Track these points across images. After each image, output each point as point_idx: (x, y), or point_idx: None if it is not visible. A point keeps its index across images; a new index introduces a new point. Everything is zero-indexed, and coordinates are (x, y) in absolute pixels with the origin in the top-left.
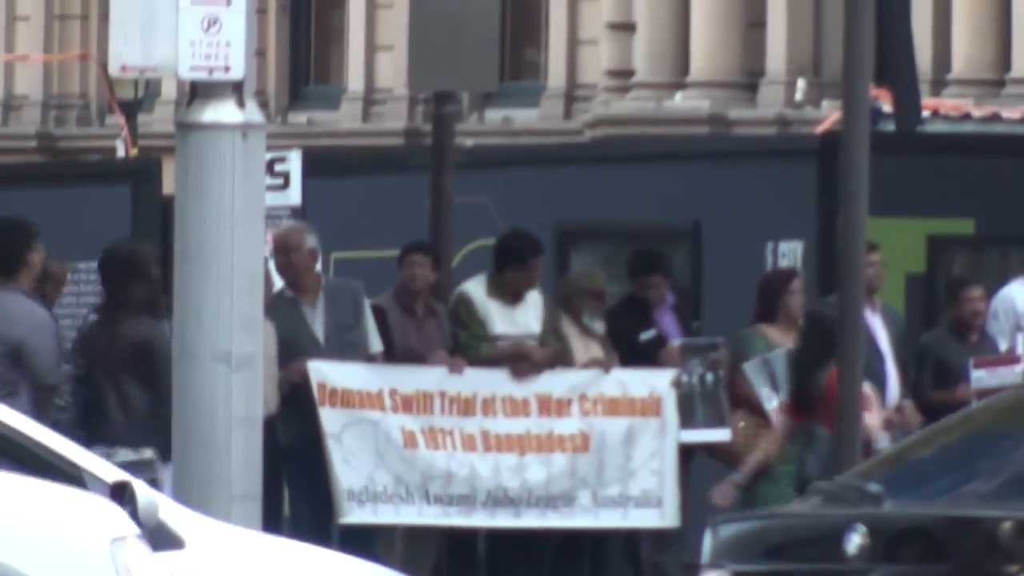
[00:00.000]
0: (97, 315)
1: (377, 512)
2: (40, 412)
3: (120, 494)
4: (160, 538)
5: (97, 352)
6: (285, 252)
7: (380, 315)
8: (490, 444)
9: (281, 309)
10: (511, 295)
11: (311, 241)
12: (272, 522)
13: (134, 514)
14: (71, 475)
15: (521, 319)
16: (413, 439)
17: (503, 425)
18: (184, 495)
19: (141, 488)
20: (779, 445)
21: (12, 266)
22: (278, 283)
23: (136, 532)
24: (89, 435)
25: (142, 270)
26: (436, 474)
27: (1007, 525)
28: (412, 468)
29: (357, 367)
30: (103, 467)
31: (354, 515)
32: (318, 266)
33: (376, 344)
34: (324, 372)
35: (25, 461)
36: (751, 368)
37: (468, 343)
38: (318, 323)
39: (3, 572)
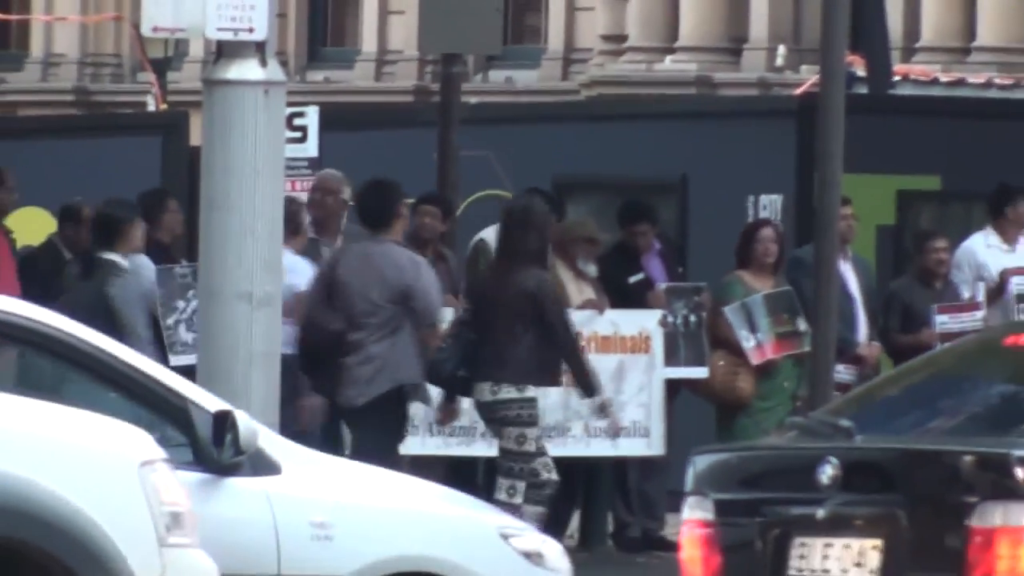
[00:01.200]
0: (492, 263)
1: None
2: (422, 350)
3: (223, 422)
4: (259, 463)
5: (485, 297)
6: (323, 191)
7: None
8: None
9: (305, 250)
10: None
11: (346, 192)
12: None
13: (235, 442)
14: (177, 404)
15: None
16: None
17: None
18: None
19: (242, 417)
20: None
21: (388, 219)
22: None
23: (164, 457)
24: (472, 374)
25: (537, 224)
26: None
27: (967, 458)
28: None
29: None
30: (205, 397)
31: None
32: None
33: None
34: None
35: (134, 391)
36: (731, 311)
37: None
38: None
39: (38, 492)
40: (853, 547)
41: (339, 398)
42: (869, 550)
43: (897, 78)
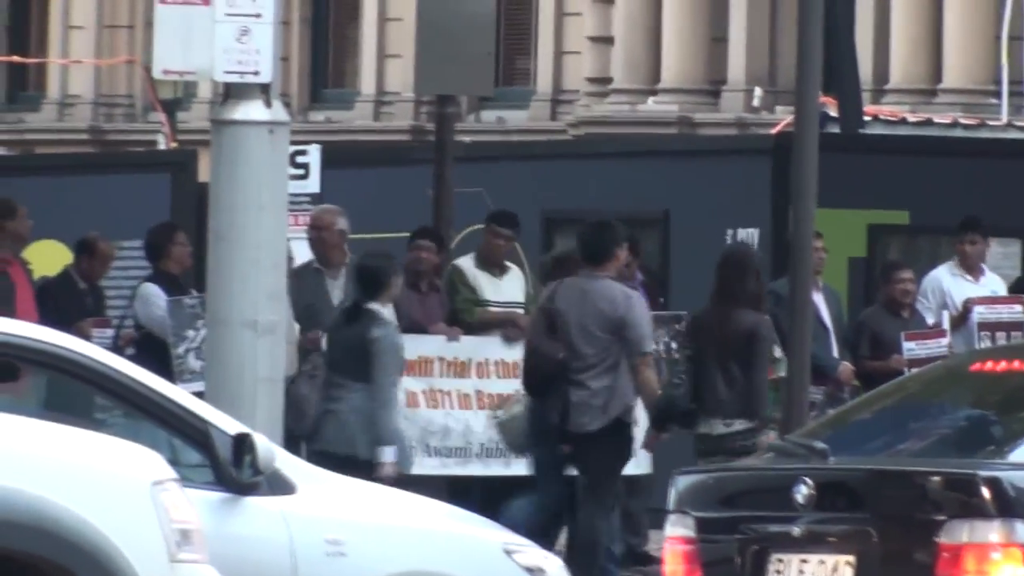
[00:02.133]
0: (710, 304)
1: None
2: (638, 377)
3: (241, 444)
4: (275, 483)
5: (707, 336)
6: (318, 229)
7: None
8: (483, 402)
9: (307, 278)
10: (495, 267)
11: (341, 223)
12: None
13: (253, 463)
14: (198, 427)
15: (507, 290)
16: (415, 399)
17: (495, 385)
18: None
19: (260, 439)
20: None
21: (606, 257)
22: (297, 262)
23: (175, 477)
24: (700, 408)
25: (754, 269)
26: (434, 429)
27: (936, 478)
28: (413, 425)
29: None
30: (225, 420)
31: None
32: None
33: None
34: None
35: (157, 414)
36: None
37: (462, 307)
38: (336, 294)
39: (52, 510)
40: (827, 562)
41: (570, 424)
42: (843, 565)
43: (868, 118)
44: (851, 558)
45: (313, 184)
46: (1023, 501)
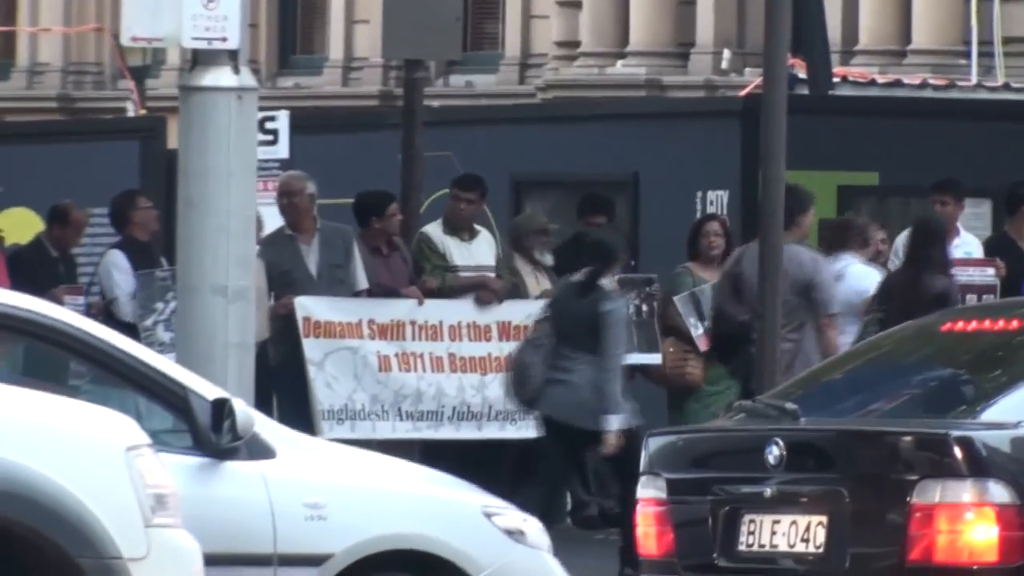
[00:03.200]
0: (901, 269)
1: (355, 428)
2: (824, 338)
3: (220, 409)
4: (254, 448)
5: (899, 299)
6: (288, 195)
7: None
8: (456, 365)
9: (280, 245)
10: (463, 232)
11: (311, 187)
12: None
13: (232, 427)
14: (176, 392)
15: (477, 253)
16: (387, 363)
17: (468, 348)
18: None
19: (239, 404)
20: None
21: (790, 222)
22: (267, 228)
23: (149, 442)
24: None
25: (942, 237)
26: (407, 393)
27: (908, 438)
28: (386, 388)
29: (339, 301)
30: (204, 385)
31: (334, 431)
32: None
33: (362, 282)
34: (309, 307)
35: (136, 380)
36: (680, 301)
37: (433, 274)
38: (312, 260)
39: (28, 475)
40: (799, 523)
41: (756, 383)
42: (815, 526)
43: (836, 80)
44: (823, 519)
45: (282, 150)
46: (995, 461)
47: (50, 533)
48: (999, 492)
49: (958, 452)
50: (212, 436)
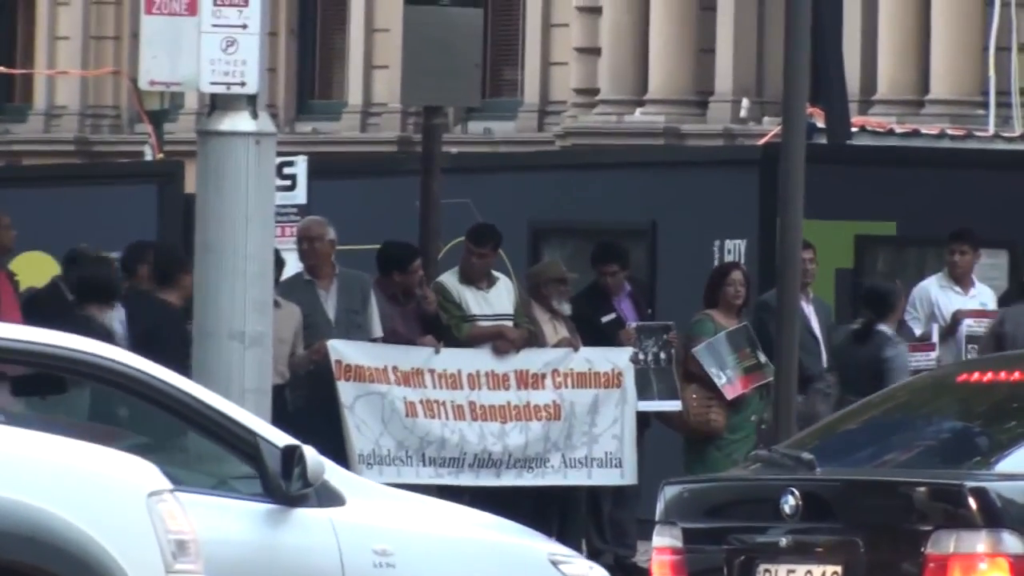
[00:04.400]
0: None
1: (382, 473)
2: None
3: (291, 456)
4: (324, 495)
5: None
6: (309, 240)
7: None
8: (476, 414)
9: (299, 290)
10: (479, 281)
11: (331, 233)
12: None
13: (303, 474)
14: (246, 439)
15: (495, 302)
16: (414, 409)
17: (487, 397)
18: None
19: (309, 452)
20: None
21: None
22: (288, 270)
23: (171, 488)
24: None
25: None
26: (432, 439)
27: (923, 489)
28: (412, 434)
29: (366, 346)
30: (273, 432)
31: (363, 475)
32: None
33: (377, 330)
34: (340, 350)
35: (205, 426)
36: (700, 352)
37: (450, 323)
38: (330, 305)
39: (50, 520)
40: (815, 573)
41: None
42: (830, 575)
43: (855, 129)
44: (838, 568)
45: (300, 195)
46: (1010, 511)
47: None
48: (1013, 543)
49: (972, 503)
50: (282, 483)
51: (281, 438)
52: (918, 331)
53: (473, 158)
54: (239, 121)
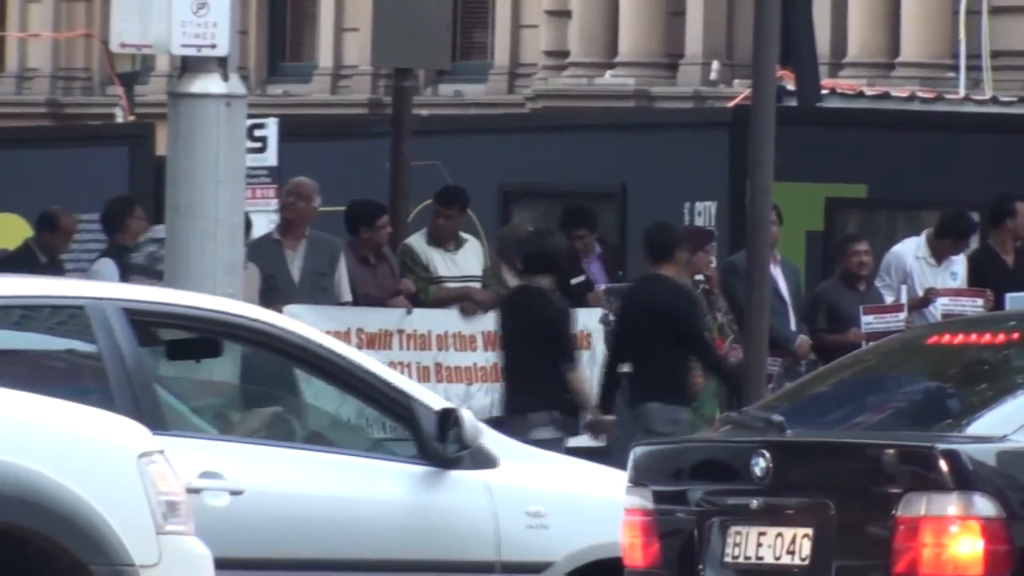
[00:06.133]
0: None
1: None
2: None
3: (446, 419)
4: (478, 457)
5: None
6: (297, 196)
7: None
8: (442, 375)
9: (265, 249)
10: (448, 242)
11: (317, 200)
12: None
13: (459, 437)
14: (401, 402)
15: (463, 263)
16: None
17: (454, 359)
18: None
19: (467, 415)
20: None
21: None
22: (256, 234)
23: (161, 449)
24: None
25: None
26: None
27: (893, 451)
28: None
29: (328, 309)
30: (429, 396)
31: None
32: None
33: (346, 294)
34: (298, 314)
35: (363, 390)
36: None
37: (417, 285)
38: (295, 266)
39: (40, 481)
40: (785, 535)
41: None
42: (801, 538)
43: (825, 91)
44: (809, 531)
45: (271, 158)
46: (981, 474)
47: (62, 539)
48: (984, 506)
49: (944, 465)
50: (437, 445)
51: (436, 402)
52: (889, 299)
53: (443, 120)
54: (210, 83)
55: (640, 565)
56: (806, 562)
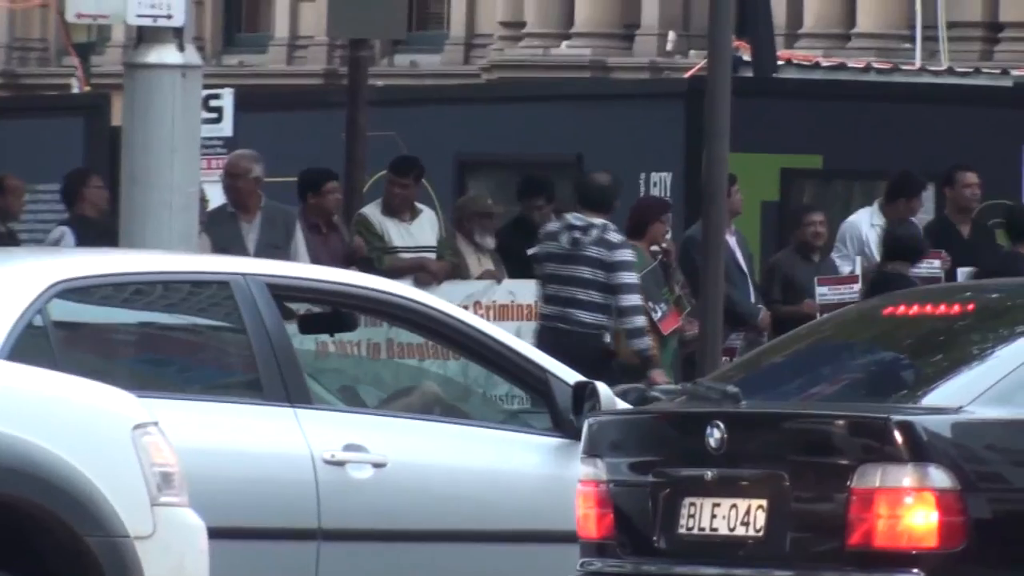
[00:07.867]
0: None
1: None
2: None
3: (582, 391)
4: None
5: None
6: (232, 176)
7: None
8: (394, 351)
9: (220, 222)
10: (403, 212)
11: (257, 170)
12: None
13: (595, 409)
14: (536, 375)
15: (417, 234)
16: (324, 348)
17: (406, 334)
18: None
19: (602, 388)
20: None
21: None
22: (211, 203)
23: (155, 421)
24: None
25: None
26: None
27: (848, 422)
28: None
29: None
30: (563, 370)
31: None
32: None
33: None
34: None
35: (496, 363)
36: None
37: (371, 255)
38: (251, 239)
39: (35, 453)
40: (740, 507)
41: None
42: (755, 510)
43: (781, 62)
44: (763, 502)
45: (227, 128)
46: (936, 445)
47: (57, 511)
48: (939, 477)
49: (898, 437)
50: (572, 418)
51: (571, 375)
52: (846, 269)
53: (399, 91)
54: (165, 54)
55: (594, 536)
56: (760, 533)
